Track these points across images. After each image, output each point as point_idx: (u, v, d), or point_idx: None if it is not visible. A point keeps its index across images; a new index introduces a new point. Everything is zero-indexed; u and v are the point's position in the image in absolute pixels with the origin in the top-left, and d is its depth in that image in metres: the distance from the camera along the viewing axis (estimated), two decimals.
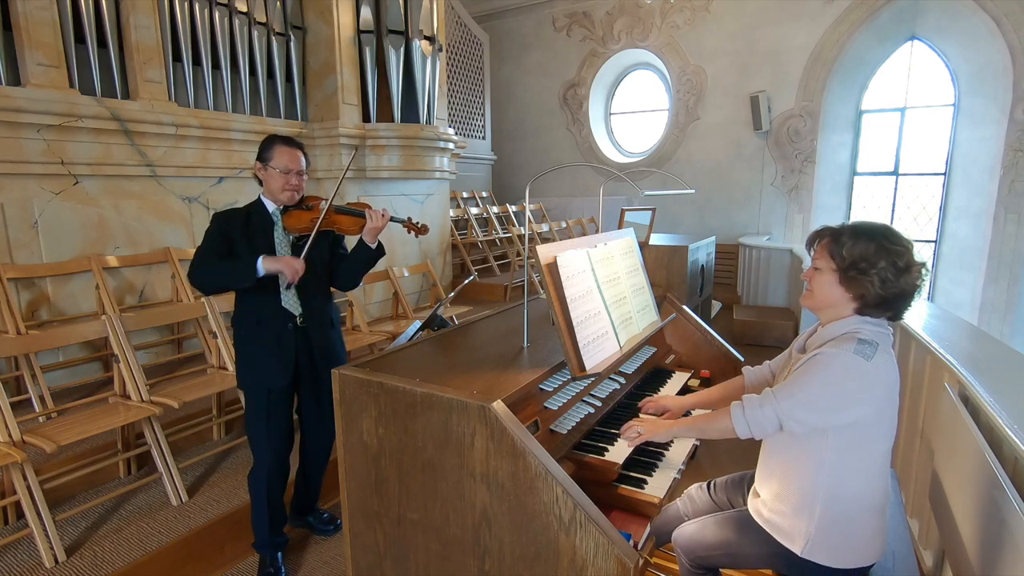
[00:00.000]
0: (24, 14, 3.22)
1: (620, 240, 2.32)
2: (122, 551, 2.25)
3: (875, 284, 1.32)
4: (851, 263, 1.34)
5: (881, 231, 1.36)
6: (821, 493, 1.35)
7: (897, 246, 1.32)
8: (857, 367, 1.28)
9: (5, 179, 3.22)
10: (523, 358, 1.84)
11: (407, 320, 4.18)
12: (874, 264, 1.32)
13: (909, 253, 1.33)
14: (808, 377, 1.33)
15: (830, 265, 1.38)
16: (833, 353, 1.31)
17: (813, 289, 1.43)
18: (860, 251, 1.33)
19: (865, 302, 1.35)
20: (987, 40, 6.39)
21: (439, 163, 5.49)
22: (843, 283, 1.36)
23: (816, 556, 1.35)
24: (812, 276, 1.43)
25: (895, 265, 1.31)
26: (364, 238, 2.22)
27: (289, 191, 2.16)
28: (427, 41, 5.17)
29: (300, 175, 2.17)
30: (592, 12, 8.64)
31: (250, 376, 2.18)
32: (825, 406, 1.31)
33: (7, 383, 2.98)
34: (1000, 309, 6.65)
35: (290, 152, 2.14)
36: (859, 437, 1.33)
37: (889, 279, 1.32)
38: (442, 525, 1.56)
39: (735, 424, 1.40)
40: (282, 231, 2.18)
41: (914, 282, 1.33)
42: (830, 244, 1.39)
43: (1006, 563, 1.39)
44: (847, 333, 1.36)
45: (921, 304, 3.23)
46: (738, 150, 7.90)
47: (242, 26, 4.36)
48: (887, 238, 1.34)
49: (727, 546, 1.46)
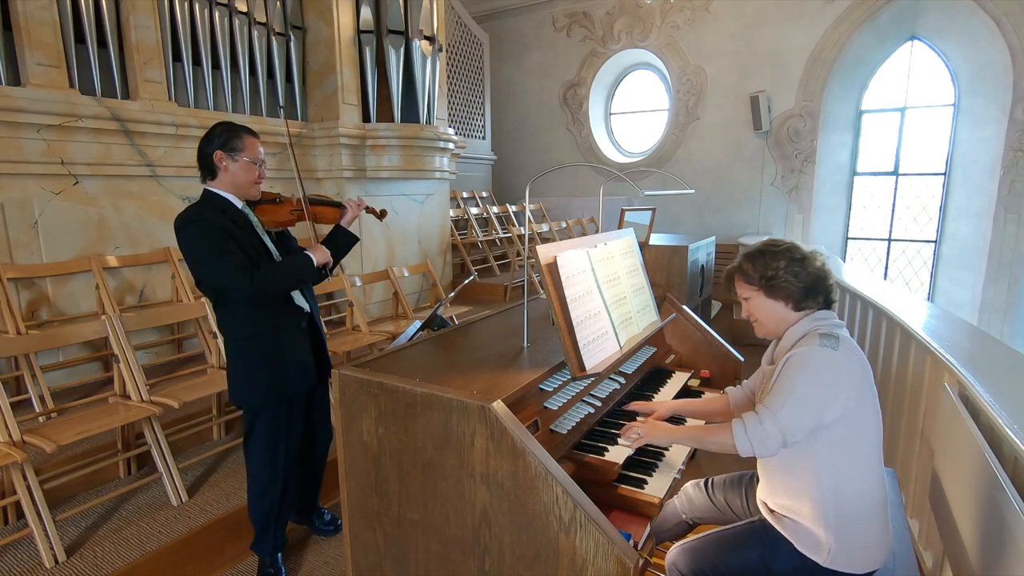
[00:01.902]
0: (24, 14, 3.22)
1: (620, 240, 2.32)
2: (122, 551, 2.25)
3: (791, 281, 1.48)
4: (761, 276, 1.51)
5: (762, 246, 1.55)
6: (829, 496, 1.36)
7: (781, 247, 1.51)
8: (829, 358, 1.37)
9: (5, 179, 3.22)
10: (523, 358, 1.84)
11: (407, 320, 4.18)
12: (777, 268, 1.49)
13: (794, 247, 1.51)
14: (789, 382, 1.38)
15: (752, 290, 1.54)
16: (801, 352, 1.39)
17: (757, 318, 1.56)
18: (761, 265, 1.51)
19: (795, 299, 1.49)
20: (987, 40, 6.38)
21: (439, 163, 5.49)
22: (770, 296, 1.51)
23: (838, 564, 1.37)
24: (748, 308, 1.58)
25: (792, 259, 1.49)
26: (344, 224, 2.25)
27: (258, 184, 2.06)
28: (427, 41, 5.17)
29: (263, 165, 2.08)
30: (592, 12, 8.64)
31: (264, 389, 2.04)
32: (815, 404, 1.35)
33: (7, 383, 2.98)
34: (1000, 309, 6.65)
35: (256, 142, 2.04)
36: (848, 429, 1.37)
37: (798, 271, 1.48)
38: (442, 525, 1.56)
39: (737, 442, 1.41)
40: (261, 227, 2.09)
41: (820, 266, 1.50)
42: (740, 276, 1.56)
43: (1006, 563, 1.39)
44: (807, 334, 1.46)
45: (921, 304, 3.23)
46: (738, 150, 7.90)
47: (242, 26, 4.36)
48: (769, 248, 1.53)
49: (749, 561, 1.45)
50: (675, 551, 1.57)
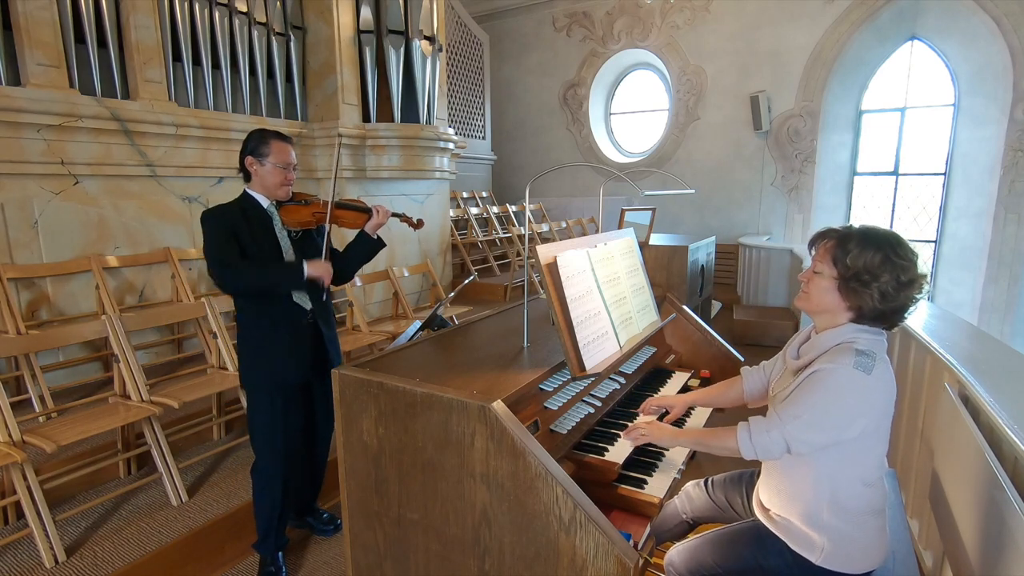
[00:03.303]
0: (24, 14, 3.22)
1: (620, 240, 2.32)
2: (122, 551, 2.25)
3: (875, 297, 1.28)
4: (854, 273, 1.29)
5: (889, 241, 1.30)
6: (824, 503, 1.35)
7: (903, 260, 1.27)
8: (859, 382, 1.25)
9: (5, 179, 3.22)
10: (523, 358, 1.84)
11: (407, 320, 4.18)
12: (877, 277, 1.27)
13: (914, 267, 1.28)
14: (810, 396, 1.29)
15: (831, 271, 1.33)
16: (832, 369, 1.28)
17: (810, 292, 1.38)
18: (865, 262, 1.28)
19: (861, 314, 1.32)
20: (987, 40, 6.39)
21: (439, 163, 5.49)
22: (842, 292, 1.32)
23: (832, 564, 1.35)
24: (811, 279, 1.38)
25: (898, 279, 1.27)
26: (368, 230, 2.28)
27: (287, 186, 2.18)
28: (427, 41, 5.17)
29: (294, 169, 2.20)
30: (592, 12, 8.64)
31: (260, 375, 2.17)
32: (831, 424, 1.28)
33: (7, 383, 2.98)
34: (1000, 309, 6.65)
35: (284, 146, 2.16)
36: (857, 448, 1.32)
37: (890, 293, 1.27)
38: (442, 525, 1.56)
39: (741, 447, 1.38)
40: (280, 226, 2.19)
41: (914, 295, 1.30)
42: (834, 249, 1.33)
43: (1006, 563, 1.39)
44: (843, 343, 1.32)
45: (921, 304, 3.23)
46: (738, 150, 7.90)
47: (242, 26, 4.36)
48: (894, 250, 1.28)
49: (742, 560, 1.45)
50: (673, 550, 1.57)
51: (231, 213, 2.13)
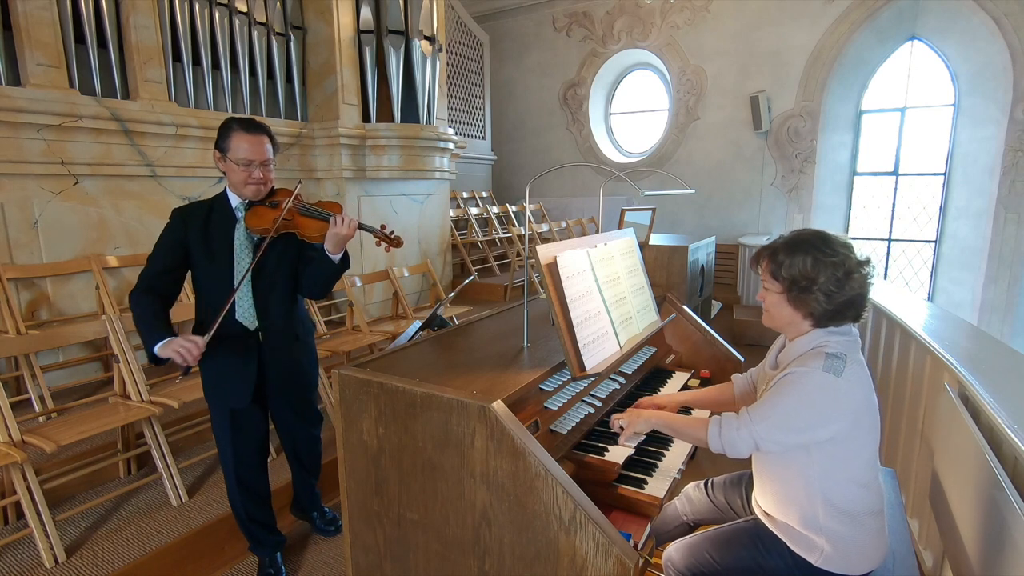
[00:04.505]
0: (24, 14, 3.22)
1: (620, 240, 2.32)
2: (122, 551, 2.25)
3: (820, 300, 1.31)
4: (791, 282, 1.33)
5: (814, 241, 1.33)
6: (819, 506, 1.36)
7: (833, 256, 1.30)
8: (828, 385, 1.28)
9: (5, 179, 3.22)
10: (523, 358, 1.84)
11: (407, 320, 4.18)
12: (815, 280, 1.30)
13: (848, 258, 1.30)
14: (780, 398, 1.33)
15: (776, 287, 1.38)
16: (802, 372, 1.30)
17: (768, 310, 1.43)
18: (799, 269, 1.32)
19: (816, 318, 1.34)
20: (987, 40, 6.38)
21: (439, 163, 5.49)
22: (792, 303, 1.36)
23: (832, 565, 1.36)
24: (764, 297, 1.43)
25: (835, 276, 1.29)
26: (327, 246, 1.90)
27: (253, 185, 1.88)
28: (427, 41, 5.17)
29: (265, 166, 1.88)
30: (592, 12, 8.64)
31: (211, 393, 2.04)
32: (799, 426, 1.30)
33: (7, 383, 2.98)
34: (1000, 309, 6.65)
35: (250, 139, 1.84)
36: (841, 450, 1.33)
37: (833, 291, 1.30)
38: (442, 525, 1.56)
39: (710, 440, 1.40)
40: (244, 230, 1.93)
41: (860, 285, 1.32)
42: (769, 265, 1.38)
43: (1006, 563, 1.39)
44: (814, 348, 1.35)
45: (921, 304, 3.23)
46: (738, 150, 7.90)
47: (242, 26, 4.36)
48: (820, 250, 1.31)
49: (742, 559, 1.45)
50: (672, 547, 1.57)
51: (195, 214, 1.91)
